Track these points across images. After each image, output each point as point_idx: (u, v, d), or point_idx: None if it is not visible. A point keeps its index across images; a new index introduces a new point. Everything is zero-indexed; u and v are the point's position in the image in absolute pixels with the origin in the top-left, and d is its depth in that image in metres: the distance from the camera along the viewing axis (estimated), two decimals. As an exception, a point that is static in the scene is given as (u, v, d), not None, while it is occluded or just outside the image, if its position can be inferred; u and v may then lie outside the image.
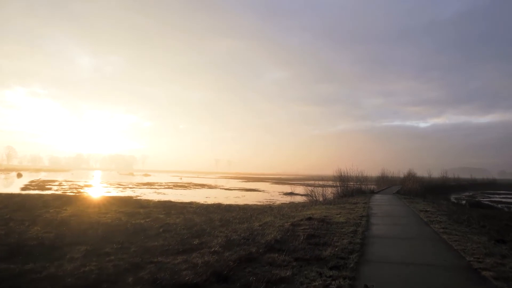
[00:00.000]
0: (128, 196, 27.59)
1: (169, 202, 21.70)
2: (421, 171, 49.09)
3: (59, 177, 72.34)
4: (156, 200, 23.57)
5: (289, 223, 9.95)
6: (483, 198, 42.08)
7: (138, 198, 26.87)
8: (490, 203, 31.84)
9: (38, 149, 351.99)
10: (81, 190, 34.38)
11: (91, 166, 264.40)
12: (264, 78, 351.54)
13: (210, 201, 27.21)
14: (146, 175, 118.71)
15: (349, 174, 27.33)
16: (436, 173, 58.22)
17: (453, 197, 40.32)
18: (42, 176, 75.44)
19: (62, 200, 19.17)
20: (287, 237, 7.84)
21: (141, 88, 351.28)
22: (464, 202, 33.62)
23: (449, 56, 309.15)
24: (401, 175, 49.96)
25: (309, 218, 10.94)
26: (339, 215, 12.22)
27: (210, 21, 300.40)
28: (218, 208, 18.01)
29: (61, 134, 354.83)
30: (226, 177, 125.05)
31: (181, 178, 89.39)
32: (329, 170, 27.74)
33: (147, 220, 12.40)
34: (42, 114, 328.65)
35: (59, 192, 30.23)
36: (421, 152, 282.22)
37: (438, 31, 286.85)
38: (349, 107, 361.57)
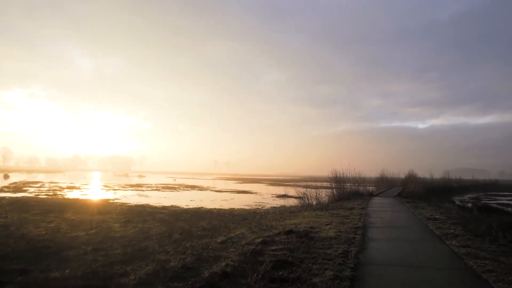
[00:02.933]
0: (103, 199, 25.17)
1: (141, 206, 19.27)
2: (421, 172, 46.64)
3: (50, 178, 69.81)
4: (129, 204, 21.14)
5: (260, 239, 7.54)
6: (489, 200, 39.70)
7: (114, 201, 24.47)
8: (498, 207, 29.44)
9: (37, 150, 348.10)
10: (58, 192, 31.90)
11: (89, 167, 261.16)
12: (263, 80, 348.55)
13: (193, 204, 24.81)
14: (140, 176, 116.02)
15: (345, 175, 24.92)
16: (435, 174, 55.87)
17: (457, 200, 37.93)
18: (32, 177, 72.94)
19: (16, 205, 16.74)
20: (245, 265, 5.42)
21: (140, 89, 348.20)
22: (470, 205, 31.27)
23: (448, 57, 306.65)
24: (402, 176, 47.69)
25: (289, 232, 8.52)
26: (329, 226, 9.81)
27: (210, 23, 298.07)
28: (192, 214, 15.60)
29: (60, 136, 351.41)
30: (223, 178, 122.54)
31: (175, 180, 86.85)
32: (328, 171, 25.29)
33: (92, 231, 10.00)
34: (41, 115, 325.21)
35: (32, 195, 27.79)
36: (420, 153, 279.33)
37: (437, 32, 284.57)
38: (349, 108, 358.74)
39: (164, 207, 18.94)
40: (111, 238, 8.98)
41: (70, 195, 29.51)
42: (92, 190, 37.52)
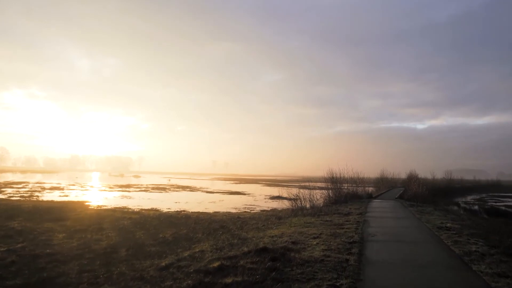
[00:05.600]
0: (76, 202, 23.11)
1: (112, 210, 17.17)
2: (420, 172, 44.54)
3: (41, 178, 67.70)
4: (101, 207, 19.10)
5: (217, 264, 5.48)
6: (495, 202, 37.63)
7: (89, 203, 22.41)
8: (508, 209, 27.40)
9: (36, 151, 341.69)
10: (37, 194, 29.81)
11: (87, 167, 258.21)
12: (261, 81, 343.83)
13: (176, 207, 22.79)
14: (136, 176, 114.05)
15: (342, 176, 22.84)
16: (435, 175, 53.75)
17: (461, 201, 35.87)
18: (24, 177, 70.80)
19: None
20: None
21: (139, 90, 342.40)
22: (476, 207, 29.26)
23: (446, 58, 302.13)
24: (402, 176, 45.70)
25: (262, 250, 6.47)
26: (316, 240, 7.74)
27: (208, 24, 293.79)
28: (164, 220, 13.50)
29: (60, 136, 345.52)
30: (220, 179, 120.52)
31: (169, 180, 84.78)
32: (326, 171, 23.23)
33: (17, 246, 7.95)
34: (40, 116, 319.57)
35: (5, 197, 25.75)
36: (419, 154, 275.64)
37: (435, 33, 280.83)
38: (347, 109, 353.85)
39: (136, 212, 16.84)
40: (31, 257, 6.92)
41: (47, 196, 27.41)
42: (75, 191, 35.39)
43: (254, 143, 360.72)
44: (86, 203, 22.87)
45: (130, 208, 20.13)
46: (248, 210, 21.55)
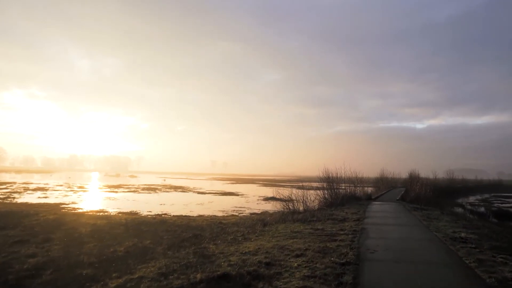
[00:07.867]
0: (54, 204, 21.32)
1: (80, 215, 15.36)
2: (420, 172, 42.63)
3: (33, 178, 65.89)
4: (73, 211, 17.32)
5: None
6: (501, 203, 35.85)
7: (65, 206, 20.63)
8: (517, 212, 25.62)
9: (36, 151, 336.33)
10: (15, 195, 28.02)
11: (86, 167, 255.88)
12: (261, 81, 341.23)
13: (160, 209, 21.04)
14: (132, 176, 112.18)
15: (339, 175, 21.01)
16: (437, 174, 51.83)
17: (466, 203, 34.09)
18: (13, 177, 68.96)
19: None
20: None
21: (138, 90, 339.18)
22: (483, 209, 27.51)
23: (446, 58, 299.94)
24: (403, 176, 43.89)
25: (221, 278, 4.70)
26: (299, 259, 5.95)
27: (207, 24, 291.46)
28: (131, 227, 11.69)
29: (59, 136, 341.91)
30: (217, 179, 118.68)
31: (164, 180, 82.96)
32: (322, 171, 21.43)
33: None
34: (40, 116, 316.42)
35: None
36: (418, 154, 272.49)
37: (435, 33, 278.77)
38: (346, 109, 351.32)
39: (105, 216, 15.01)
40: None
41: (25, 198, 25.59)
42: (58, 192, 33.54)
43: (254, 143, 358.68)
44: (61, 206, 21.11)
45: (106, 211, 18.37)
46: (236, 213, 19.78)
